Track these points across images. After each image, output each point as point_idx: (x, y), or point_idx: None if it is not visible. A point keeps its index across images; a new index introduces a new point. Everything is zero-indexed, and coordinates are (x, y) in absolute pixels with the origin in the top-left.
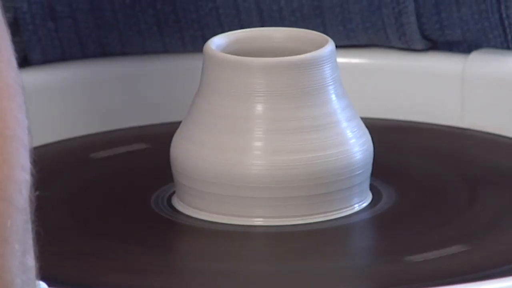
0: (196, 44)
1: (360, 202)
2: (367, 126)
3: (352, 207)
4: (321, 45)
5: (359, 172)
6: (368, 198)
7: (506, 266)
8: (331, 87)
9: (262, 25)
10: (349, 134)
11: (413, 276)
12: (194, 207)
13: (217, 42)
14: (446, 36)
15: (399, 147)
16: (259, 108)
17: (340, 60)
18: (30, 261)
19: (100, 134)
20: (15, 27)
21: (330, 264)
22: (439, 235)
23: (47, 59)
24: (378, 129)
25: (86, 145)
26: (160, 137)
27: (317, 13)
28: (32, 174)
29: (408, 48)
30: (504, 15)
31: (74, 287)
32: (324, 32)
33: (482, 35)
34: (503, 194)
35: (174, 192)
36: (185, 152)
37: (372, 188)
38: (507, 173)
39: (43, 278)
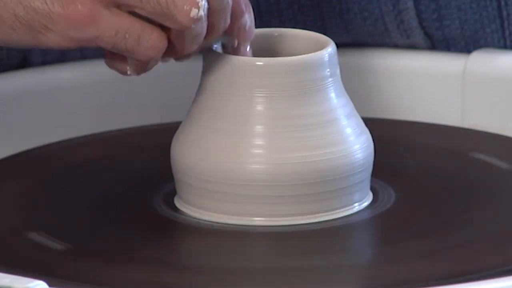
0: None
1: (361, 201)
2: (367, 126)
3: (353, 206)
4: (322, 46)
5: (360, 170)
6: (369, 197)
7: (506, 267)
8: (331, 88)
9: (260, 17)
10: (349, 133)
11: (413, 276)
12: (194, 206)
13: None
14: (444, 27)
15: (400, 147)
16: (260, 108)
17: (340, 60)
18: None
19: (100, 134)
20: None
21: (330, 263)
22: (439, 235)
23: (46, 60)
24: (378, 129)
25: (86, 145)
26: (160, 137)
27: (315, 4)
28: None
29: (408, 42)
30: (502, 3)
31: (74, 287)
32: (322, 24)
33: (480, 28)
34: (503, 194)
35: (175, 191)
36: (186, 152)
37: (373, 188)
38: (507, 173)
39: (43, 278)
